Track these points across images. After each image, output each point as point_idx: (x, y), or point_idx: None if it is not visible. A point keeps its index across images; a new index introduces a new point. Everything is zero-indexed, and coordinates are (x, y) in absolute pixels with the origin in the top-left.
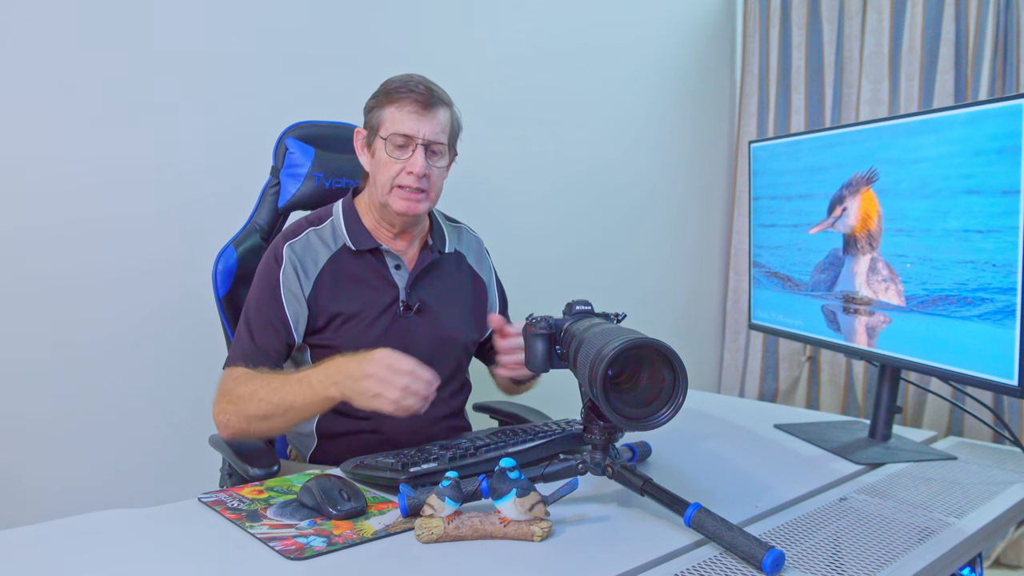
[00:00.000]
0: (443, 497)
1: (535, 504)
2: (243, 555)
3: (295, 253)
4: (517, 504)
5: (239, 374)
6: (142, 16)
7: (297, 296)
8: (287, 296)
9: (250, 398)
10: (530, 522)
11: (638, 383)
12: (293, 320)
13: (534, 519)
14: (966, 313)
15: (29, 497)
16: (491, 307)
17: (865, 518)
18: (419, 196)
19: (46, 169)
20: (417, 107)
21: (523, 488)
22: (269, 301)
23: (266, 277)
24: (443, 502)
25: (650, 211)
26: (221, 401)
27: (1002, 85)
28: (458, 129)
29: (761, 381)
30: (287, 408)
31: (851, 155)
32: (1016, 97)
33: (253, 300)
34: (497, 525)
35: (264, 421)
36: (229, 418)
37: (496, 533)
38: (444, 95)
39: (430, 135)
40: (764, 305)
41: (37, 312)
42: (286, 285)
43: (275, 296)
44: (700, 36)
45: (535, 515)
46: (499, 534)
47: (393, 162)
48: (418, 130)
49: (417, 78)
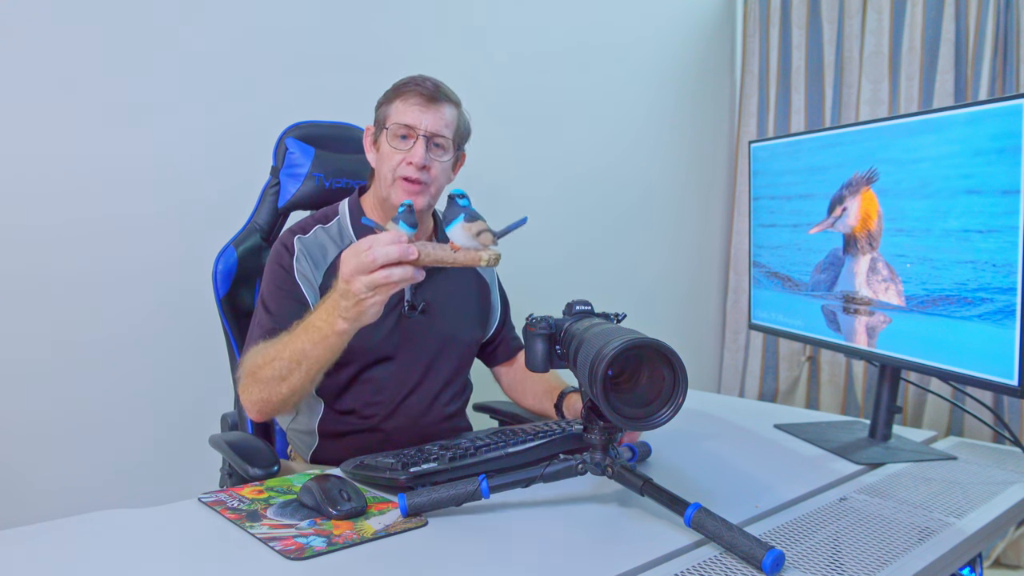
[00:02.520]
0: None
1: (482, 231)
2: (243, 555)
3: (305, 245)
4: (464, 228)
5: (256, 349)
6: (142, 16)
7: (310, 282)
8: (301, 279)
9: (264, 364)
10: (479, 249)
11: (638, 383)
12: (311, 300)
13: (482, 247)
14: (966, 313)
15: (29, 497)
16: (494, 307)
17: (865, 518)
18: (418, 188)
19: (46, 169)
20: (421, 100)
21: (470, 216)
22: (284, 282)
23: (279, 263)
24: (398, 226)
25: (650, 211)
26: (243, 380)
27: (1002, 85)
28: (466, 131)
29: (761, 381)
30: (301, 358)
31: (851, 155)
32: (1016, 97)
33: (268, 286)
34: (447, 251)
35: (283, 382)
36: (251, 393)
37: (447, 259)
38: (452, 94)
39: (432, 128)
40: (764, 305)
41: (37, 312)
42: (300, 271)
43: (290, 279)
44: (700, 36)
45: (482, 242)
46: (449, 260)
47: (395, 152)
48: (420, 121)
49: (427, 77)
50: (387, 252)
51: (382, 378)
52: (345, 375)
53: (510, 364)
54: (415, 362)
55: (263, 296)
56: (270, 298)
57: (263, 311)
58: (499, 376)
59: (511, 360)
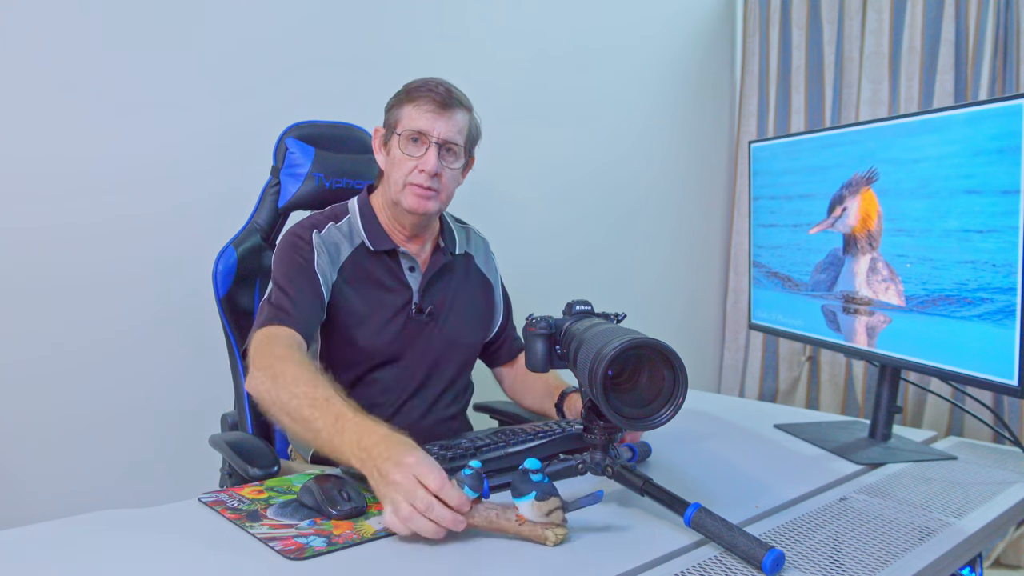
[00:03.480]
0: (463, 485)
1: (554, 510)
2: (243, 555)
3: (323, 240)
4: (535, 507)
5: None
6: (142, 16)
7: (326, 275)
8: (320, 269)
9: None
10: (545, 525)
11: (638, 383)
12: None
13: (550, 524)
14: (966, 313)
15: (29, 497)
16: (497, 308)
17: (865, 518)
18: (430, 194)
19: (46, 169)
20: (435, 106)
21: (543, 492)
22: (301, 266)
23: (294, 252)
24: (462, 490)
25: (650, 211)
26: (262, 366)
27: (1002, 85)
28: (476, 135)
29: (761, 381)
30: (314, 435)
31: (851, 155)
32: (1016, 97)
33: (286, 269)
34: (512, 522)
35: (284, 417)
36: (263, 392)
37: (509, 529)
38: (464, 99)
39: (445, 134)
40: (764, 305)
41: (37, 312)
42: (319, 265)
43: (310, 269)
44: (700, 36)
45: (552, 520)
46: (512, 530)
47: (407, 159)
48: (433, 128)
49: (439, 80)
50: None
51: (386, 380)
52: (350, 376)
53: (512, 365)
54: (419, 364)
55: (278, 278)
56: (285, 276)
57: (278, 291)
58: (500, 376)
59: (513, 361)
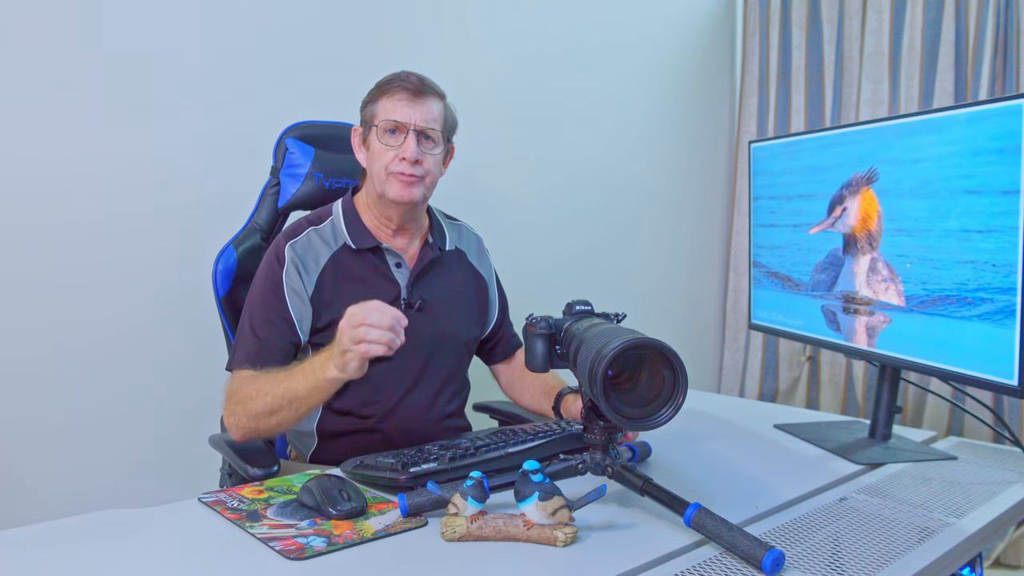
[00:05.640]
0: (466, 497)
1: (558, 509)
2: (243, 555)
3: (296, 252)
4: (539, 507)
5: (245, 376)
6: (142, 16)
7: (300, 295)
8: (290, 295)
9: (256, 396)
10: (554, 527)
11: (638, 383)
12: (297, 318)
13: (558, 524)
14: (966, 313)
15: (29, 497)
16: (492, 305)
17: (865, 518)
18: (413, 181)
19: (46, 169)
20: (408, 95)
21: (545, 492)
22: (272, 300)
23: (268, 276)
24: (466, 502)
25: (650, 211)
26: (230, 403)
27: (1002, 85)
28: (453, 123)
29: (761, 381)
30: (292, 398)
31: (851, 155)
32: (1016, 97)
33: (256, 299)
34: (520, 528)
35: (271, 416)
36: (239, 419)
37: (519, 536)
38: (436, 87)
39: (421, 122)
40: (764, 305)
41: (37, 312)
42: (289, 284)
43: (278, 295)
44: (700, 36)
45: (559, 520)
46: (522, 537)
47: (386, 149)
48: (409, 116)
49: (409, 72)
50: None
51: (380, 376)
52: None
53: (508, 362)
54: (412, 359)
55: (252, 308)
56: (259, 314)
57: (250, 332)
58: (497, 374)
59: (509, 358)
